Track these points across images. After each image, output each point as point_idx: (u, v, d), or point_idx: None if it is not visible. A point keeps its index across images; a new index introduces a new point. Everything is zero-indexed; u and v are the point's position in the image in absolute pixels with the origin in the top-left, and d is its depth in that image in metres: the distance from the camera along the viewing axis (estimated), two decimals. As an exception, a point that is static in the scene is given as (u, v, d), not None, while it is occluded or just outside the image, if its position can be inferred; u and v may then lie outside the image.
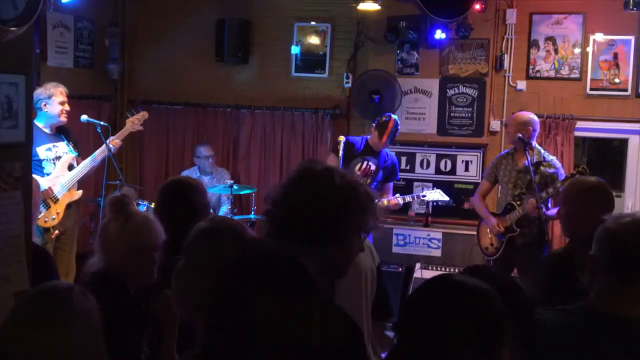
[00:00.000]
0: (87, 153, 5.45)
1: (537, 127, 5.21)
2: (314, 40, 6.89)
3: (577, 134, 6.19)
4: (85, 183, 6.32)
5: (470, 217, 5.93)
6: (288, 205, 1.82)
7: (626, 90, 6.08)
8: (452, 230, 5.96)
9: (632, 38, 6.04)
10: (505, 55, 6.30)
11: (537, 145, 5.20)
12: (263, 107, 6.91)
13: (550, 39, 6.24)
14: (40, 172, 4.97)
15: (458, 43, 6.30)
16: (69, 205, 5.19)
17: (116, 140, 5.39)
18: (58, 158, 5.15)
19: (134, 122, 5.57)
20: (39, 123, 5.05)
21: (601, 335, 1.88)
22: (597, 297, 1.96)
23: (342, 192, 1.80)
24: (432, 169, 6.43)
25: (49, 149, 5.11)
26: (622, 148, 6.41)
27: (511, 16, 6.27)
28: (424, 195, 5.64)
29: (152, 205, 4.55)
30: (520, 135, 5.07)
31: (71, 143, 5.29)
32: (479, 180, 5.95)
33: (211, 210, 5.47)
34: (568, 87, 6.22)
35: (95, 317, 1.82)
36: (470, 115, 6.37)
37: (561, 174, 5.07)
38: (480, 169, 6.27)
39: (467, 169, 6.26)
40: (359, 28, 6.62)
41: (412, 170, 6.45)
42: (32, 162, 2.82)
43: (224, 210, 6.27)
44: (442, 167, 6.42)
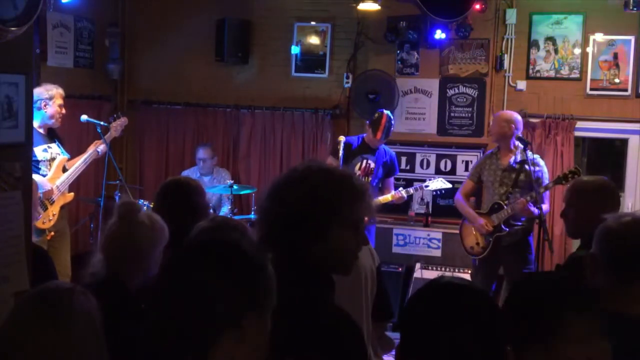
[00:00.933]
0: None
1: (519, 125, 5.20)
2: (314, 40, 6.89)
3: (577, 134, 6.19)
4: (85, 183, 6.34)
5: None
6: (279, 201, 1.82)
7: (626, 90, 6.08)
8: (452, 230, 5.94)
9: (632, 38, 6.04)
10: (505, 55, 6.30)
11: (520, 144, 5.13)
12: (263, 107, 6.91)
13: (550, 39, 6.23)
14: (36, 173, 4.96)
15: (458, 43, 6.30)
16: (62, 207, 5.19)
17: (102, 146, 5.36)
18: (53, 159, 5.13)
19: (116, 127, 5.51)
20: (34, 122, 5.02)
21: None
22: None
23: (334, 185, 1.80)
24: (432, 169, 6.43)
25: (45, 150, 5.09)
26: (622, 148, 6.41)
27: (511, 16, 6.26)
28: (427, 185, 5.64)
29: (152, 205, 4.54)
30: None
31: (62, 145, 5.28)
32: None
33: (211, 211, 5.49)
34: (568, 87, 6.22)
35: (95, 317, 1.82)
36: (470, 115, 6.37)
37: (545, 172, 5.11)
38: (480, 169, 6.26)
39: (467, 169, 6.24)
40: (359, 28, 6.62)
41: (412, 170, 6.46)
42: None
43: (225, 210, 6.27)
44: (442, 167, 6.42)
